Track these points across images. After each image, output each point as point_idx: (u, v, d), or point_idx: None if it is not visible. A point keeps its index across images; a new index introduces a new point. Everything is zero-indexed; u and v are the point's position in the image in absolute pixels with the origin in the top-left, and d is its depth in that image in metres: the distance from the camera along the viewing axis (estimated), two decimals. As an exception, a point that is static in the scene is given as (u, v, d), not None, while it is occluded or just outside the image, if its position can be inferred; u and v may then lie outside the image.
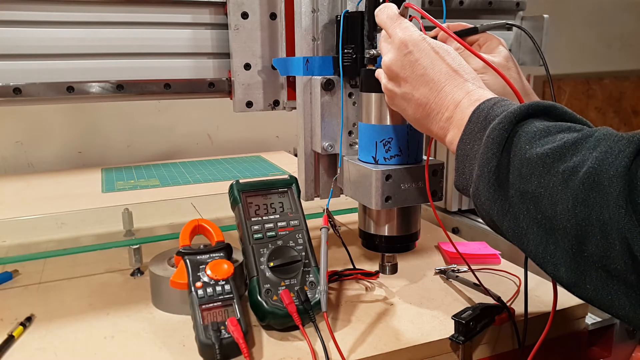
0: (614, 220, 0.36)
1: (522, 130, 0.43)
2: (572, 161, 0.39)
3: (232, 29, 0.73)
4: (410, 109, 0.54)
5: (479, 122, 0.47)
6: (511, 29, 0.95)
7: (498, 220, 0.44)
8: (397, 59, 0.53)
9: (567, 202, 0.38)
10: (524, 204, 0.42)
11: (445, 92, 0.51)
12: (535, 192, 0.41)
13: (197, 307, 0.61)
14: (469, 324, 0.63)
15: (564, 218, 0.39)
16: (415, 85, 0.52)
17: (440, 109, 0.51)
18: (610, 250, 0.36)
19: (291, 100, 0.76)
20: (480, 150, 0.45)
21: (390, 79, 0.55)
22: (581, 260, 0.39)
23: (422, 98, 0.52)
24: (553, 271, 0.41)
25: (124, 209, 0.93)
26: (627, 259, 0.35)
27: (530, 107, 0.44)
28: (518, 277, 0.77)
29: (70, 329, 0.67)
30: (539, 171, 0.40)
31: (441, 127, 0.51)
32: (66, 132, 1.66)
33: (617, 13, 2.23)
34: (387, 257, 0.69)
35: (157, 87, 0.75)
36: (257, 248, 0.66)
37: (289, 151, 1.79)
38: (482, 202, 0.46)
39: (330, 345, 0.60)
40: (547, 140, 0.41)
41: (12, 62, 0.68)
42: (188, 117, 1.77)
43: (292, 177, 0.73)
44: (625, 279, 0.36)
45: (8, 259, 0.87)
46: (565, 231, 0.39)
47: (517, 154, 0.42)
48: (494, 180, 0.43)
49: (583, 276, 0.39)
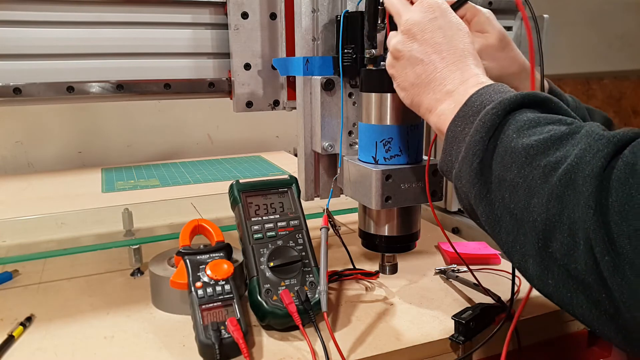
0: (582, 219, 0.35)
1: (513, 119, 0.43)
2: (555, 156, 0.39)
3: (232, 29, 0.73)
4: (411, 74, 0.52)
5: (474, 106, 0.46)
6: (511, 28, 0.95)
7: (475, 203, 0.45)
8: (421, 20, 0.52)
9: (543, 196, 0.38)
10: (501, 191, 0.42)
11: (455, 66, 0.50)
12: (513, 182, 0.41)
13: (197, 307, 0.61)
14: (469, 324, 0.63)
15: (535, 211, 0.39)
16: (428, 52, 0.51)
17: (444, 81, 0.50)
18: (574, 249, 0.36)
19: (291, 100, 0.76)
20: (470, 133, 0.45)
21: (406, 38, 0.53)
22: (545, 255, 0.39)
23: (430, 65, 0.51)
24: (520, 261, 0.41)
25: (124, 209, 0.93)
26: (588, 260, 0.35)
27: (526, 97, 0.44)
28: (518, 277, 0.77)
29: (70, 329, 0.67)
30: (521, 161, 0.40)
31: (436, 99, 0.51)
32: (66, 132, 1.66)
33: (617, 13, 2.22)
34: (387, 257, 0.69)
35: (157, 87, 0.75)
36: (257, 248, 0.66)
37: (289, 151, 1.79)
38: (462, 184, 0.46)
39: (330, 345, 0.60)
40: (534, 131, 0.41)
41: (12, 62, 0.68)
42: (188, 117, 1.77)
43: (292, 177, 0.73)
44: (584, 280, 0.36)
45: (8, 259, 0.87)
46: (534, 224, 0.39)
47: (504, 141, 0.42)
48: (477, 164, 0.43)
49: (547, 271, 0.39)
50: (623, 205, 0.33)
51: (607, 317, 0.36)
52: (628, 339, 0.36)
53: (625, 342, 0.36)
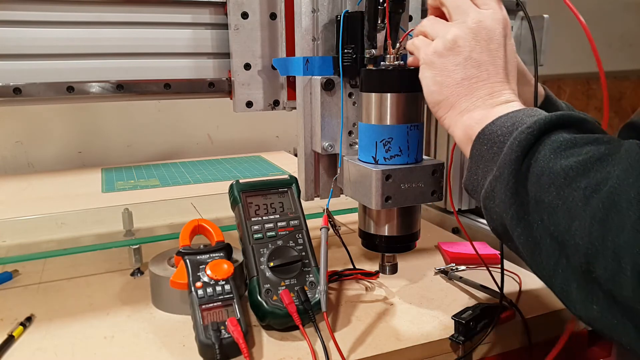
0: (629, 244, 0.34)
1: (549, 139, 0.42)
2: (595, 178, 0.38)
3: (232, 29, 0.73)
4: (460, 73, 0.50)
5: (504, 127, 0.45)
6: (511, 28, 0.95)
7: (510, 225, 0.43)
8: (493, 29, 0.51)
9: (585, 219, 0.37)
10: (539, 213, 0.40)
11: (503, 86, 0.50)
12: (552, 203, 0.39)
13: (197, 307, 0.61)
14: (469, 324, 0.63)
15: (577, 235, 0.37)
16: (487, 61, 0.50)
17: (492, 93, 0.50)
18: (620, 275, 0.35)
19: (291, 100, 0.76)
20: (504, 152, 0.44)
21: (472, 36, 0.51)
22: (590, 280, 0.38)
23: (484, 73, 0.50)
24: (563, 285, 0.40)
25: (124, 209, 0.93)
26: (635, 286, 0.34)
27: (561, 117, 0.43)
28: (519, 277, 0.77)
29: (70, 329, 0.67)
30: (560, 183, 0.39)
31: (477, 105, 0.50)
32: (66, 132, 1.66)
33: (617, 13, 2.22)
34: (387, 257, 0.69)
35: (157, 87, 0.75)
36: (257, 248, 0.66)
37: (289, 151, 1.79)
38: (496, 204, 0.44)
39: (330, 345, 0.60)
40: (572, 152, 0.40)
41: (12, 62, 0.68)
42: (188, 117, 1.77)
43: (292, 177, 0.73)
44: (632, 307, 0.35)
45: (8, 259, 0.87)
46: (577, 248, 0.38)
47: (540, 161, 0.41)
48: (512, 184, 0.42)
49: (591, 296, 0.38)
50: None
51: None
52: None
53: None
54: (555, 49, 0.80)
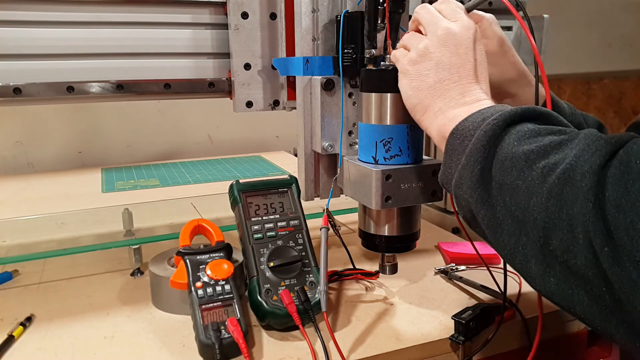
0: (581, 213, 0.36)
1: (514, 129, 0.44)
2: (554, 159, 0.40)
3: (232, 29, 0.73)
4: (433, 77, 0.53)
5: (475, 122, 0.48)
6: (511, 28, 0.95)
7: (475, 209, 0.45)
8: (461, 35, 0.54)
9: (542, 195, 0.39)
10: (502, 195, 0.43)
11: (474, 86, 0.53)
12: (513, 184, 0.42)
13: (197, 307, 0.61)
14: (469, 324, 0.63)
15: (535, 210, 0.40)
16: (457, 64, 0.53)
17: (463, 93, 0.52)
18: (573, 244, 0.37)
19: (291, 100, 0.76)
20: (472, 142, 0.46)
21: (441, 43, 0.54)
22: (547, 253, 0.40)
23: (455, 76, 0.53)
24: (522, 262, 0.42)
25: (124, 209, 0.93)
26: (587, 254, 0.36)
27: (527, 110, 0.46)
28: (519, 277, 0.77)
29: (70, 329, 0.67)
30: (521, 165, 0.42)
31: (450, 106, 0.52)
32: (66, 132, 1.66)
33: (617, 13, 2.22)
34: (387, 257, 0.69)
35: (157, 87, 0.75)
36: (257, 248, 0.66)
37: (289, 151, 1.79)
38: (463, 191, 0.47)
39: (330, 345, 0.60)
40: (535, 140, 0.42)
41: (12, 62, 0.68)
42: (188, 117, 1.77)
43: (292, 177, 0.73)
44: (584, 274, 0.37)
45: (8, 259, 0.87)
46: (535, 223, 0.40)
47: (504, 148, 0.44)
48: (478, 170, 0.45)
49: (549, 269, 0.40)
50: (619, 199, 0.35)
51: (608, 311, 0.37)
52: (629, 334, 0.36)
53: (626, 337, 0.37)
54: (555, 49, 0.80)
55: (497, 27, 0.64)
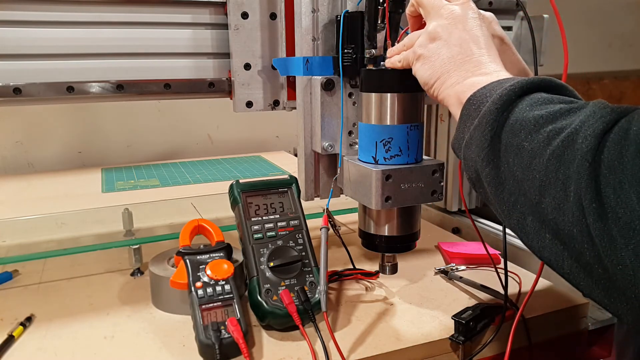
0: (576, 172, 0.37)
1: (529, 97, 0.45)
2: (561, 124, 0.41)
3: (232, 29, 0.73)
4: (446, 53, 0.54)
5: (493, 89, 0.48)
6: (511, 28, 0.95)
7: (481, 167, 0.46)
8: (463, 15, 0.55)
9: (544, 156, 0.40)
10: (506, 156, 0.44)
11: (489, 58, 0.54)
12: (520, 146, 0.43)
13: (197, 307, 0.61)
14: (469, 324, 0.63)
15: (535, 170, 0.41)
16: (467, 39, 0.54)
17: (479, 64, 0.53)
18: (564, 202, 0.38)
19: (291, 100, 0.76)
20: (486, 105, 0.47)
21: (448, 23, 0.55)
22: (540, 211, 0.41)
23: (468, 50, 0.54)
24: (519, 219, 0.43)
25: (124, 209, 0.93)
26: (575, 211, 0.37)
27: (543, 80, 0.47)
28: (519, 277, 0.77)
29: (70, 329, 0.67)
30: (529, 128, 0.43)
31: (467, 76, 0.53)
32: (66, 132, 1.66)
33: (617, 13, 2.22)
34: (387, 257, 0.69)
35: (157, 87, 0.75)
36: (257, 248, 0.66)
37: (289, 151, 1.79)
38: (472, 150, 0.47)
39: (330, 345, 0.60)
40: (546, 107, 0.43)
41: (12, 62, 0.68)
42: (188, 117, 1.77)
43: (292, 177, 0.73)
44: (569, 232, 0.38)
45: (8, 259, 0.87)
46: (532, 182, 0.41)
47: (516, 113, 0.45)
48: (488, 131, 0.45)
49: (544, 226, 0.41)
50: (613, 161, 0.36)
51: (588, 269, 0.38)
52: (607, 292, 0.38)
53: (604, 296, 0.38)
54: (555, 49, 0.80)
55: (497, 25, 0.64)
